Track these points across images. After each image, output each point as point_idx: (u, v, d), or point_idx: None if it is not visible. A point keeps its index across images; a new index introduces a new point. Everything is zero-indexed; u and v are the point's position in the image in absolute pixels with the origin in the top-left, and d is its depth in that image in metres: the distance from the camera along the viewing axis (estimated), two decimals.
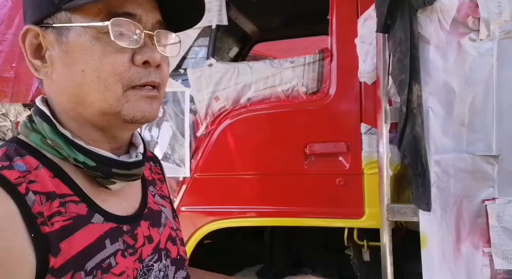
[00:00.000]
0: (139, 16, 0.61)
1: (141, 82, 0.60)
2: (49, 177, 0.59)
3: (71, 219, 0.58)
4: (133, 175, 0.67)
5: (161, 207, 0.78)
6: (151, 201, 0.76)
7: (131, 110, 0.60)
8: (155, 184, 0.82)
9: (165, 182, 0.87)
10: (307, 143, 1.76)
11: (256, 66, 1.87)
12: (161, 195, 0.82)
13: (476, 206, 1.38)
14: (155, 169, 0.86)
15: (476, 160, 1.38)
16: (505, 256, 1.34)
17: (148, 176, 0.81)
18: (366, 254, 1.79)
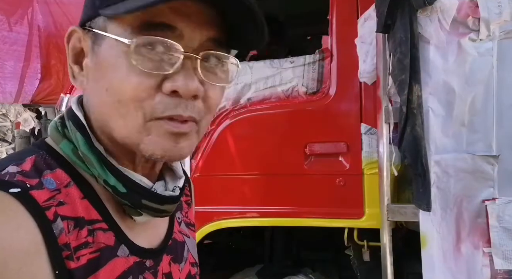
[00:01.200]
0: (180, 30, 0.48)
1: (164, 114, 0.49)
2: (79, 197, 0.51)
3: (99, 251, 0.50)
4: (164, 211, 0.57)
5: (186, 237, 0.68)
6: (176, 231, 0.66)
7: (151, 145, 0.50)
8: (182, 208, 0.72)
9: (192, 205, 0.76)
10: (307, 143, 1.76)
11: (256, 66, 1.87)
12: (187, 223, 0.71)
13: (476, 206, 1.38)
14: (186, 190, 0.74)
15: (476, 160, 1.38)
16: (505, 256, 1.34)
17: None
18: (366, 254, 1.79)
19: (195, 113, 0.51)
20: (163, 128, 0.50)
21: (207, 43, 0.51)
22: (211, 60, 0.52)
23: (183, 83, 0.48)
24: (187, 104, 0.50)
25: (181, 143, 0.51)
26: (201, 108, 0.52)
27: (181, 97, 0.49)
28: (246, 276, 2.12)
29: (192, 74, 0.49)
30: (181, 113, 0.49)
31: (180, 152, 0.52)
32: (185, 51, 0.48)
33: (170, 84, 0.48)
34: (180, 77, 0.48)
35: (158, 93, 0.49)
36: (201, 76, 0.50)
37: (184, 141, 0.52)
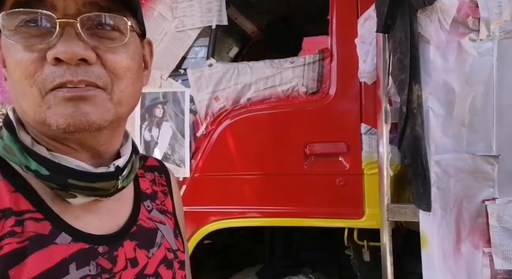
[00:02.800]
0: (50, 1, 0.49)
1: (55, 83, 0.49)
2: (8, 191, 0.51)
3: (28, 240, 0.50)
4: (99, 189, 0.55)
5: (158, 224, 0.67)
6: (143, 218, 0.65)
7: (53, 117, 0.49)
8: (155, 197, 0.71)
9: (170, 195, 0.75)
10: (307, 143, 1.76)
11: (256, 66, 1.88)
12: (161, 210, 0.71)
13: (476, 206, 1.38)
14: (160, 180, 0.75)
15: (476, 160, 1.38)
16: (505, 256, 1.34)
17: (147, 189, 0.71)
18: (366, 254, 1.79)
19: (92, 77, 0.50)
20: (58, 96, 0.49)
21: (85, 8, 0.51)
22: (96, 25, 0.52)
23: (63, 48, 0.48)
24: (76, 69, 0.49)
25: (83, 107, 0.50)
26: (101, 73, 0.51)
27: (68, 64, 0.49)
28: (246, 276, 2.12)
29: (73, 39, 0.49)
30: (70, 78, 0.49)
31: (85, 117, 0.50)
32: (58, 18, 0.49)
33: (51, 51, 0.49)
34: (59, 43, 0.49)
35: (46, 65, 0.49)
36: (85, 39, 0.50)
37: (87, 105, 0.50)
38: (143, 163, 0.75)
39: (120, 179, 0.58)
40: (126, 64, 0.54)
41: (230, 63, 1.98)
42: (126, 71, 0.54)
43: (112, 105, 0.53)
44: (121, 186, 0.59)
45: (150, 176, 0.74)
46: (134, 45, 0.57)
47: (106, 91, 0.52)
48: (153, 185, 0.73)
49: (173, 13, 1.96)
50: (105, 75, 0.52)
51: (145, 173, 0.73)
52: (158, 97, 1.98)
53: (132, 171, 0.62)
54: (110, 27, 0.53)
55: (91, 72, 0.50)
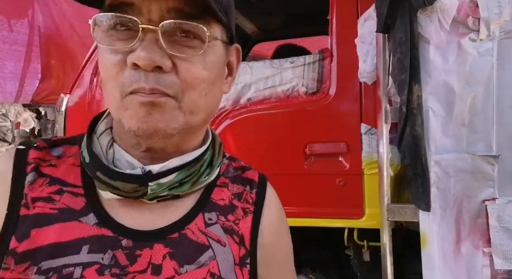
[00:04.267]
0: (137, 6, 0.50)
1: (132, 87, 0.50)
2: (73, 165, 0.57)
3: (57, 209, 0.53)
4: (119, 189, 0.53)
5: (213, 241, 0.58)
6: (194, 229, 0.58)
7: (128, 118, 0.52)
8: (230, 212, 0.62)
9: (255, 217, 0.64)
10: (307, 143, 1.76)
11: (256, 66, 1.87)
12: (227, 228, 0.60)
13: (476, 206, 1.38)
14: (247, 196, 0.65)
15: (476, 160, 1.38)
16: (505, 256, 1.34)
17: (221, 200, 0.62)
18: (366, 254, 1.79)
19: (163, 86, 0.51)
20: (135, 100, 0.51)
21: (169, 14, 0.51)
22: (177, 32, 0.52)
23: (141, 54, 0.49)
24: (149, 76, 0.50)
25: (155, 114, 0.51)
26: (173, 82, 0.51)
27: (144, 69, 0.50)
28: None
29: (152, 45, 0.50)
30: (143, 85, 0.50)
31: (156, 125, 0.51)
32: (142, 23, 0.50)
33: (131, 56, 0.50)
34: (139, 49, 0.50)
35: (126, 69, 0.51)
36: (164, 47, 0.50)
37: (158, 113, 0.51)
38: (240, 174, 0.68)
39: (152, 185, 0.54)
40: (201, 75, 0.53)
41: None
42: (200, 82, 0.54)
43: (181, 113, 0.53)
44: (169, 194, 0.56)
45: (238, 189, 0.65)
46: (214, 54, 0.55)
47: (176, 100, 0.52)
48: (235, 198, 0.64)
49: None
50: (177, 84, 0.52)
51: (230, 184, 0.65)
52: None
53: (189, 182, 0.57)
54: (192, 35, 0.52)
55: (162, 80, 0.51)
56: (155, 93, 0.50)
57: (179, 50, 0.52)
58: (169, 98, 0.51)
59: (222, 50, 0.57)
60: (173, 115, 0.52)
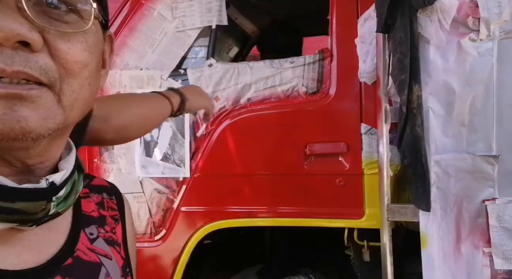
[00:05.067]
0: None
1: None
2: None
3: None
4: (19, 212, 0.40)
5: (103, 257, 0.52)
6: (83, 248, 0.50)
7: None
8: (103, 223, 0.56)
9: (122, 222, 0.60)
10: (307, 143, 1.76)
11: (256, 66, 1.87)
12: (109, 240, 0.55)
13: (476, 206, 1.38)
14: (109, 203, 0.60)
15: (476, 160, 1.38)
16: (505, 256, 1.34)
17: (93, 212, 0.56)
18: (366, 254, 1.79)
19: (35, 70, 0.37)
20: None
21: None
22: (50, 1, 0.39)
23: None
24: (13, 55, 0.35)
25: (20, 110, 0.36)
26: (48, 66, 0.38)
27: (2, 46, 0.35)
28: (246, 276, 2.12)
29: (13, 13, 0.36)
30: (2, 67, 0.35)
31: (20, 124, 0.36)
32: None
33: None
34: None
35: None
36: (30, 16, 0.36)
37: (26, 108, 0.37)
38: (89, 182, 0.59)
39: (54, 200, 0.43)
40: (84, 58, 0.41)
41: (230, 63, 1.98)
42: (83, 67, 0.41)
43: (60, 109, 0.40)
44: (55, 212, 0.44)
45: (97, 198, 0.58)
46: (95, 36, 0.43)
47: (52, 90, 0.39)
48: (100, 208, 0.57)
49: (173, 13, 1.96)
50: (53, 69, 0.38)
51: (90, 194, 0.58)
52: None
53: (73, 192, 0.47)
54: (67, 7, 0.39)
55: (34, 62, 0.37)
56: (20, 80, 0.36)
57: (52, 23, 0.38)
58: (44, 88, 0.38)
59: (101, 33, 0.46)
60: (51, 111, 0.39)
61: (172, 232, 1.93)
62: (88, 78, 0.42)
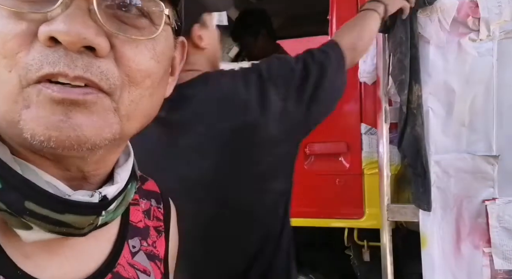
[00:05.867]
0: None
1: (41, 72, 0.33)
2: None
3: None
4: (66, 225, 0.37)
5: (140, 273, 0.49)
6: (124, 263, 0.47)
7: (30, 122, 0.33)
8: (147, 235, 0.53)
9: (166, 234, 0.57)
10: (307, 143, 1.76)
11: None
12: (150, 254, 0.52)
13: (476, 206, 1.38)
14: (156, 213, 0.56)
15: (476, 160, 1.38)
16: (505, 256, 1.34)
17: (139, 222, 0.53)
18: (366, 254, 1.79)
19: (96, 76, 0.34)
20: (45, 94, 0.33)
21: None
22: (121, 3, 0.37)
23: (64, 25, 0.33)
24: (77, 59, 0.34)
25: (75, 117, 0.34)
26: (110, 72, 0.36)
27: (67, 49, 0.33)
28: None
29: (82, 16, 0.34)
30: (65, 70, 0.33)
31: (76, 132, 0.34)
32: None
33: (47, 26, 0.33)
34: (61, 17, 0.33)
35: (35, 44, 0.33)
36: (99, 20, 0.35)
37: (81, 115, 0.34)
38: (140, 185, 0.55)
39: (104, 215, 0.41)
40: (148, 67, 0.39)
41: (230, 63, 1.98)
42: (146, 77, 0.39)
43: (117, 118, 0.37)
44: (103, 223, 0.42)
45: (145, 205, 0.55)
46: (165, 43, 0.41)
47: (111, 98, 0.36)
48: (146, 217, 0.54)
49: None
50: (115, 76, 0.36)
51: (139, 200, 0.55)
52: None
53: (123, 203, 0.45)
54: (139, 12, 0.38)
55: (96, 67, 0.34)
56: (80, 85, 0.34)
57: (122, 28, 0.37)
58: (102, 94, 0.35)
59: (171, 40, 0.43)
60: (107, 119, 0.36)
61: None
62: (149, 88, 0.40)
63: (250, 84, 0.92)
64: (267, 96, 0.92)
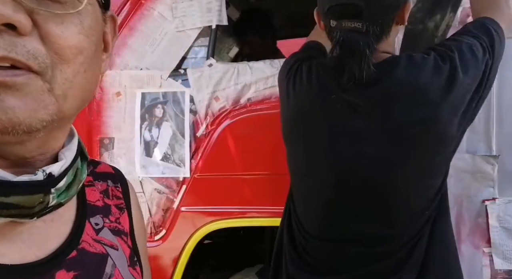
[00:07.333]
0: None
1: None
2: None
3: None
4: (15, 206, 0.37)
5: (109, 248, 0.50)
6: (88, 239, 0.48)
7: None
8: (108, 213, 0.54)
9: (128, 211, 0.57)
10: None
11: (256, 66, 1.87)
12: (115, 230, 0.53)
13: (476, 206, 1.38)
14: (114, 191, 0.57)
15: (476, 160, 1.38)
16: (505, 256, 1.34)
17: (97, 201, 0.53)
18: None
19: (23, 55, 0.33)
20: None
21: None
22: None
23: None
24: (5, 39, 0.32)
25: (6, 100, 0.33)
26: (38, 51, 0.34)
27: None
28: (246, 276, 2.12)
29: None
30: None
31: (8, 115, 0.33)
32: None
33: None
34: None
35: None
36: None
37: (13, 98, 0.33)
38: (93, 169, 0.57)
39: (53, 192, 0.40)
40: (78, 42, 0.37)
41: (230, 63, 1.98)
42: (78, 53, 0.37)
43: (52, 98, 0.36)
44: (57, 203, 0.42)
45: (102, 186, 0.56)
46: (92, 17, 0.40)
47: (43, 78, 0.35)
48: (104, 197, 0.55)
49: (173, 13, 1.96)
50: (44, 54, 0.35)
51: (94, 182, 0.56)
52: (158, 97, 1.98)
53: (75, 182, 0.45)
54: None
55: (21, 46, 0.33)
56: (5, 64, 0.33)
57: (42, 3, 0.35)
58: (32, 75, 0.34)
59: (99, 14, 0.42)
60: (42, 100, 0.35)
61: (172, 232, 1.93)
62: (83, 64, 0.38)
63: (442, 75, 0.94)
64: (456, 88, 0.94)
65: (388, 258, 1.02)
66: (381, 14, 0.95)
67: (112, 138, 1.95)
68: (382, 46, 0.99)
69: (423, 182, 1.03)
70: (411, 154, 0.98)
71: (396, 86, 0.96)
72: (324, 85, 1.06)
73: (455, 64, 0.94)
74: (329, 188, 1.06)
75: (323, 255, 1.09)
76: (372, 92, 0.97)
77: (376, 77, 0.95)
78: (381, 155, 0.98)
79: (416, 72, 0.95)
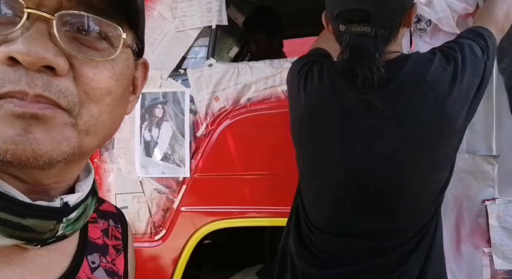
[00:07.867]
0: None
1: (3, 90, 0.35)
2: None
3: None
4: (28, 230, 0.39)
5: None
6: (83, 277, 0.49)
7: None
8: (106, 252, 0.55)
9: (124, 253, 0.59)
10: None
11: (256, 66, 1.88)
12: (110, 271, 0.54)
13: (476, 206, 1.38)
14: (114, 232, 0.59)
15: (476, 160, 1.38)
16: (505, 256, 1.34)
17: (98, 239, 0.55)
18: None
19: (55, 94, 0.37)
20: (6, 109, 0.35)
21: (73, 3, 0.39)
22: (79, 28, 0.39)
23: (24, 46, 0.35)
24: (36, 78, 0.36)
25: (34, 132, 0.36)
26: (68, 90, 0.38)
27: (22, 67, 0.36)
28: (246, 276, 2.12)
29: (42, 38, 0.37)
30: (25, 88, 0.36)
31: (33, 147, 0.36)
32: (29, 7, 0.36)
33: (7, 47, 0.35)
34: (21, 39, 0.36)
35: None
36: (59, 43, 0.37)
37: (40, 130, 0.36)
38: (97, 206, 0.59)
39: (64, 222, 0.43)
40: (108, 86, 0.41)
41: (230, 63, 1.98)
42: (106, 95, 0.41)
43: (75, 133, 0.39)
44: (62, 234, 0.44)
45: (103, 225, 0.58)
46: (124, 64, 0.44)
47: (70, 114, 0.39)
48: (104, 236, 0.57)
49: (173, 13, 1.96)
50: (73, 94, 0.39)
51: (97, 219, 0.58)
52: (158, 97, 1.98)
53: (82, 216, 0.47)
54: (98, 35, 0.40)
55: (54, 85, 0.37)
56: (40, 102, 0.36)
57: (81, 50, 0.39)
58: (59, 110, 0.38)
59: (131, 61, 0.47)
60: (64, 133, 0.38)
61: (172, 232, 1.93)
62: (109, 105, 0.42)
63: (447, 72, 1.00)
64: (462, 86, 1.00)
65: (392, 252, 1.05)
66: (389, 18, 1.00)
67: (112, 138, 1.95)
68: (391, 48, 1.04)
69: (433, 174, 1.07)
70: (422, 151, 1.01)
71: (405, 84, 1.00)
72: (336, 86, 1.09)
73: (458, 63, 1.00)
74: (340, 185, 1.09)
75: (331, 249, 1.12)
76: (384, 92, 1.00)
77: (386, 77, 0.99)
78: (393, 154, 1.01)
79: (424, 69, 1.00)
